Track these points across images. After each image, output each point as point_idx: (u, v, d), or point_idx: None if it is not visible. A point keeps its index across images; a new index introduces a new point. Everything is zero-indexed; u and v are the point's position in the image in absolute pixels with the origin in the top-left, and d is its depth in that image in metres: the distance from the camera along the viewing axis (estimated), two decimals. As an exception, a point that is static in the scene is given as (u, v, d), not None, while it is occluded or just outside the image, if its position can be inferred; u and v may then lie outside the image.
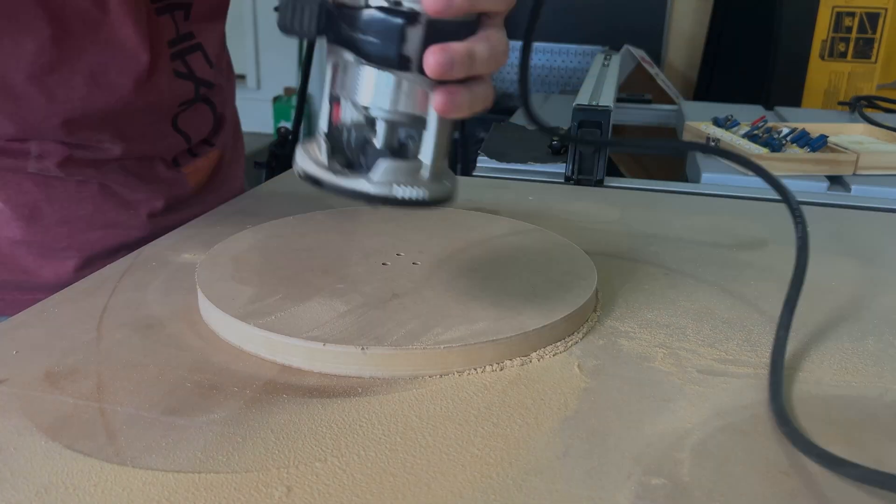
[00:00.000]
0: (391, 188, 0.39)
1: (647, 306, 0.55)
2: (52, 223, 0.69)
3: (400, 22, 0.36)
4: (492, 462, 0.37)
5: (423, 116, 0.40)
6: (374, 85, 0.39)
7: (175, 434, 0.39)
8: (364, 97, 0.40)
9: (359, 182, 0.39)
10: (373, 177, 0.39)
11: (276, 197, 0.81)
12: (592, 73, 1.23)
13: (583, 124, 0.88)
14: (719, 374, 0.46)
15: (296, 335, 0.46)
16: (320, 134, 0.42)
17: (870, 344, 0.51)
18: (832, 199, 0.86)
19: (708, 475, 0.37)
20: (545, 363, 0.47)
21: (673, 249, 0.67)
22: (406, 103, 0.39)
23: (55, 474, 0.36)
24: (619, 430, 0.40)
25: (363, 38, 0.37)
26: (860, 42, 1.68)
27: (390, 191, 0.39)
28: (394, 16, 0.36)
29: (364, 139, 0.42)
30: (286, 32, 0.37)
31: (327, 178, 0.39)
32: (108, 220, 0.72)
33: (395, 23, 0.36)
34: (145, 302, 0.54)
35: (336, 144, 0.42)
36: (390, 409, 0.42)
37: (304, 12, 0.37)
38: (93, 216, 0.71)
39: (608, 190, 0.89)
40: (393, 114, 0.40)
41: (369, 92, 0.40)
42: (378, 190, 0.39)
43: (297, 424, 0.40)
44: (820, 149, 0.98)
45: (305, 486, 0.35)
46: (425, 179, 0.40)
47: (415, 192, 0.39)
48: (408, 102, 0.39)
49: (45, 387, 0.43)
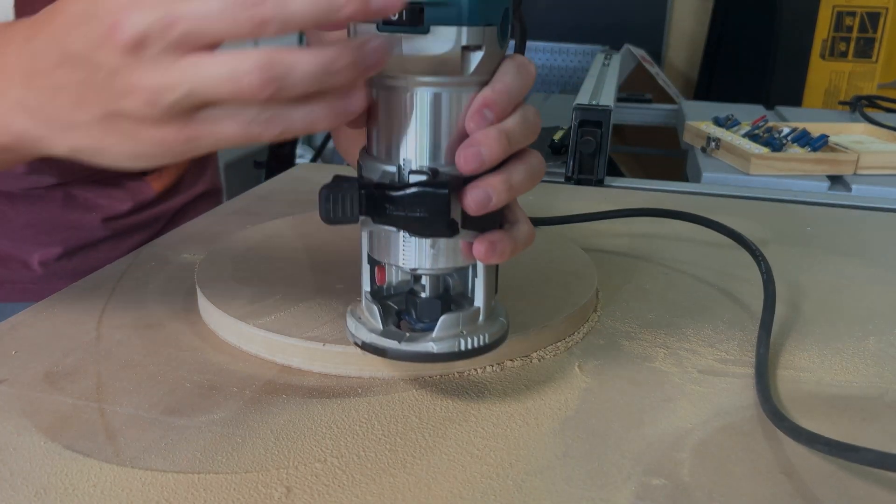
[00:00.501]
0: (456, 343, 0.39)
1: (647, 306, 0.55)
2: (17, 226, 0.71)
3: (445, 193, 0.36)
4: (492, 462, 0.37)
5: (471, 264, 0.40)
6: (420, 250, 0.39)
7: (174, 434, 0.39)
8: (411, 262, 0.39)
9: (425, 345, 0.39)
10: (435, 335, 0.39)
11: (276, 197, 0.81)
12: (593, 72, 1.23)
13: (583, 124, 0.88)
14: (720, 374, 0.46)
15: (295, 335, 0.46)
16: (366, 296, 0.42)
17: (870, 344, 0.51)
18: (833, 199, 0.86)
19: (708, 475, 0.37)
20: (545, 363, 0.47)
21: (673, 249, 0.67)
22: (453, 259, 0.39)
23: (54, 475, 0.36)
24: (619, 431, 0.40)
25: (410, 216, 0.36)
26: (861, 41, 1.68)
27: (455, 346, 0.39)
28: (438, 188, 0.36)
29: (415, 295, 0.42)
30: (329, 223, 0.37)
31: (391, 347, 0.39)
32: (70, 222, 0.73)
33: (440, 195, 0.36)
34: (145, 302, 0.54)
35: (386, 305, 0.42)
36: (390, 409, 0.42)
37: (345, 202, 0.36)
38: (56, 219, 0.72)
39: (608, 190, 0.89)
40: (442, 270, 0.40)
41: (416, 257, 0.39)
42: (443, 348, 0.39)
43: (297, 425, 0.40)
44: (821, 148, 0.98)
45: (305, 486, 0.35)
46: (483, 324, 0.40)
47: (478, 341, 0.39)
48: (455, 258, 0.39)
49: (44, 387, 0.43)
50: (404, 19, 0.34)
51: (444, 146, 0.37)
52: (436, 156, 0.37)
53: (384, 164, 0.38)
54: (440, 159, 0.37)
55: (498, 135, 0.37)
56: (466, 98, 0.37)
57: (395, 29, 0.35)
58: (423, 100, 0.37)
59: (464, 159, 0.36)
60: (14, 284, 0.72)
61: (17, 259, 0.71)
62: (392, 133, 0.38)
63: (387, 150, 0.38)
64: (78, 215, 0.72)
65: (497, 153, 0.37)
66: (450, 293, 0.43)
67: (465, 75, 0.36)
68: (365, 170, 0.39)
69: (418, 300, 0.42)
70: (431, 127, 0.37)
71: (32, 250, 0.71)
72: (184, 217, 0.80)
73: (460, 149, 0.36)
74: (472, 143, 0.36)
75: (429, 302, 0.41)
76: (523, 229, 0.41)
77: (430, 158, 0.37)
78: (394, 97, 0.37)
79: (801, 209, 0.82)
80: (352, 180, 0.37)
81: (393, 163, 0.38)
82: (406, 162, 0.37)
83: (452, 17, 0.34)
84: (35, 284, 0.71)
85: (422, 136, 0.37)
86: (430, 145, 0.37)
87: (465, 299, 0.43)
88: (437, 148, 0.37)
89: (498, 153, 0.37)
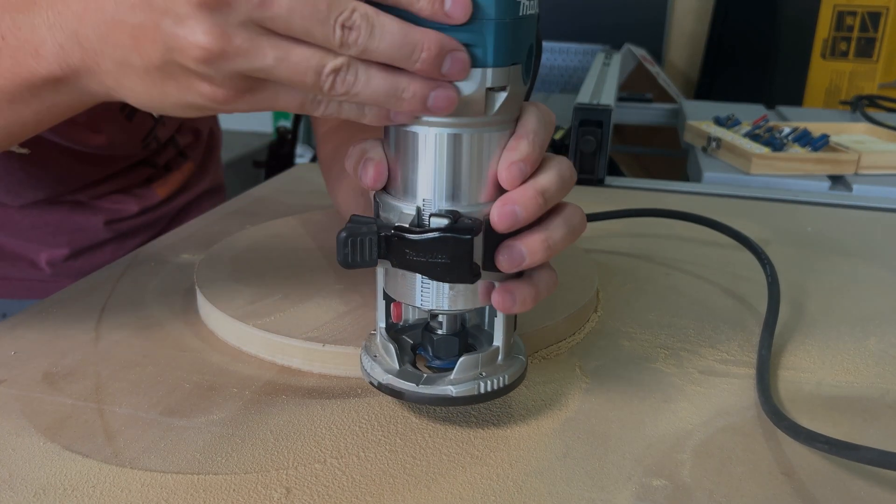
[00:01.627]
0: (475, 386, 0.38)
1: (647, 307, 0.55)
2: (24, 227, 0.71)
3: (468, 238, 0.34)
4: (492, 463, 0.37)
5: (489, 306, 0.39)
6: (439, 293, 0.38)
7: (174, 435, 0.39)
8: (429, 304, 0.38)
9: (444, 388, 0.38)
10: (454, 377, 0.38)
11: (276, 197, 0.80)
12: (593, 72, 1.22)
13: (583, 123, 0.88)
14: (720, 374, 0.46)
15: (295, 336, 0.46)
16: (381, 334, 0.41)
17: (871, 344, 0.50)
18: (834, 199, 0.86)
19: (709, 476, 0.37)
20: (546, 363, 0.47)
21: (674, 249, 0.67)
22: (472, 300, 0.38)
23: (54, 475, 0.36)
24: (619, 431, 0.40)
25: (431, 261, 0.35)
26: (862, 41, 1.68)
27: (475, 389, 0.38)
28: (461, 233, 0.34)
29: (431, 332, 0.41)
30: (348, 267, 0.36)
31: (409, 389, 0.38)
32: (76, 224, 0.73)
33: (463, 241, 0.34)
34: (144, 302, 0.54)
35: (401, 339, 0.42)
36: (390, 410, 0.42)
37: (363, 246, 0.35)
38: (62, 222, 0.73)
39: (609, 189, 0.89)
40: (460, 311, 0.39)
41: (435, 299, 0.38)
42: (462, 391, 0.38)
43: (297, 425, 0.40)
44: (821, 148, 0.98)
45: (305, 487, 0.35)
46: (502, 364, 0.39)
47: (496, 383, 0.38)
48: (474, 299, 0.38)
49: (43, 387, 0.43)
50: None
51: (465, 187, 0.36)
52: (456, 196, 0.36)
53: (402, 202, 0.37)
54: (461, 200, 0.36)
55: (534, 193, 0.36)
56: (489, 138, 0.36)
57: None
58: (444, 140, 0.35)
59: (498, 217, 0.35)
60: (23, 282, 0.72)
61: (25, 259, 0.72)
62: (411, 172, 0.36)
63: (405, 189, 0.37)
64: (83, 218, 0.73)
65: (533, 212, 0.36)
66: (466, 327, 0.42)
67: (489, 116, 0.35)
68: (382, 208, 0.38)
69: (435, 337, 0.40)
70: (452, 168, 0.36)
71: (39, 250, 0.72)
72: (188, 215, 0.81)
73: (495, 206, 0.36)
74: (507, 202, 0.35)
75: (446, 340, 0.40)
76: (545, 277, 0.39)
77: (449, 199, 0.36)
78: (413, 137, 0.36)
79: (802, 209, 0.82)
80: (370, 222, 0.36)
81: (411, 203, 0.37)
82: (426, 203, 0.36)
83: (478, 59, 0.34)
84: (43, 283, 0.72)
85: (442, 177, 0.36)
86: (450, 186, 0.36)
87: (482, 332, 0.42)
88: (457, 189, 0.36)
89: (534, 212, 0.36)
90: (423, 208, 0.36)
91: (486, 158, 0.36)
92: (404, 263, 0.36)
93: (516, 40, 0.34)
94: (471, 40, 0.33)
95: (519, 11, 0.34)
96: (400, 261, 0.36)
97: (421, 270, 0.36)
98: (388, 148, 0.38)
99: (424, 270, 0.36)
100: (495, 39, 0.33)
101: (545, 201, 0.36)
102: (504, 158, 0.36)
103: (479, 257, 0.36)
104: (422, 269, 0.36)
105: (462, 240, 0.34)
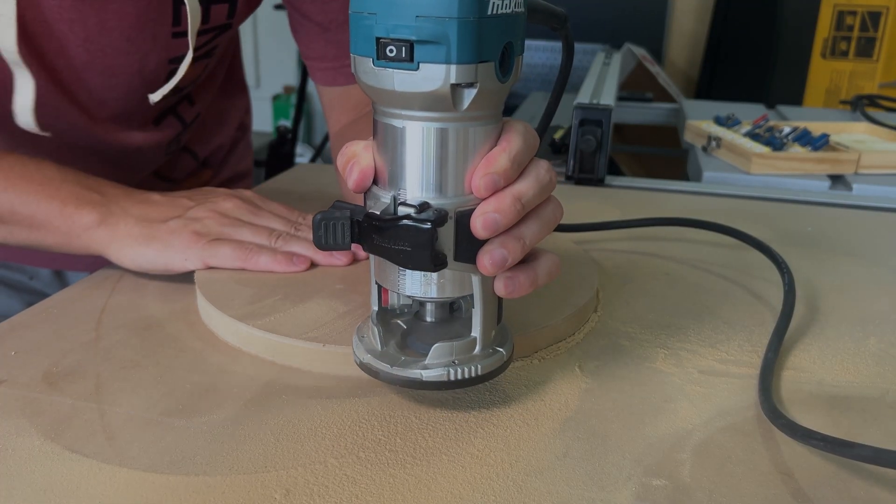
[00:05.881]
0: (446, 372, 0.39)
1: (647, 307, 0.55)
2: None
3: (427, 227, 0.36)
4: (492, 463, 0.37)
5: (469, 295, 0.40)
6: (413, 279, 0.40)
7: (174, 435, 0.39)
8: (408, 290, 0.40)
9: (414, 371, 0.39)
10: (427, 362, 0.39)
11: (276, 196, 0.80)
12: (593, 71, 1.22)
13: (583, 123, 0.88)
14: (720, 374, 0.46)
15: (295, 336, 0.46)
16: (372, 316, 0.43)
17: (871, 344, 0.50)
18: (834, 199, 0.86)
19: (709, 476, 0.37)
20: (546, 363, 0.47)
21: (673, 249, 0.67)
22: (450, 289, 0.40)
23: (54, 475, 0.36)
24: (619, 431, 0.40)
25: (395, 248, 0.37)
26: (862, 41, 1.68)
27: (445, 375, 0.39)
28: (421, 222, 0.36)
29: (414, 318, 0.43)
30: (322, 249, 0.39)
31: (383, 370, 0.40)
32: None
33: (423, 230, 0.36)
34: (144, 302, 0.54)
35: (394, 324, 0.44)
36: (390, 410, 0.42)
37: (336, 229, 0.38)
38: None
39: (609, 189, 0.89)
40: (438, 299, 0.41)
41: (411, 285, 0.40)
42: (432, 376, 0.39)
43: (297, 426, 0.40)
44: (822, 148, 0.98)
45: (305, 488, 0.35)
46: (478, 354, 0.40)
47: (469, 372, 0.40)
48: (452, 288, 0.40)
49: (43, 387, 0.43)
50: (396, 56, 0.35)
51: (437, 180, 0.37)
52: (430, 188, 0.38)
53: (382, 192, 0.39)
54: (433, 192, 0.38)
55: (513, 201, 0.37)
56: (463, 133, 0.37)
57: (388, 64, 0.35)
58: (416, 133, 0.37)
59: (481, 226, 0.37)
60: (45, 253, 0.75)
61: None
62: (388, 163, 0.38)
63: (386, 179, 0.39)
64: None
65: (511, 219, 0.38)
66: (461, 315, 0.43)
67: (460, 111, 0.36)
68: (369, 196, 0.40)
69: (421, 323, 0.43)
70: (425, 160, 0.37)
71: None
72: None
73: (476, 214, 0.37)
74: (487, 210, 0.37)
75: (429, 327, 0.42)
76: (544, 262, 0.41)
77: (424, 191, 0.38)
78: (391, 129, 0.37)
79: (802, 209, 0.82)
80: (346, 208, 0.38)
81: (390, 193, 0.38)
82: (401, 193, 0.38)
83: (441, 56, 0.34)
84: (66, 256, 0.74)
85: (414, 169, 0.37)
86: (423, 178, 0.37)
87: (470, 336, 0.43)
88: (432, 181, 0.38)
89: (512, 218, 0.38)
90: (398, 197, 0.38)
91: (460, 152, 0.37)
92: (373, 248, 0.38)
93: (483, 38, 0.35)
94: (434, 37, 0.34)
95: (487, 10, 0.34)
96: (370, 246, 0.38)
97: (387, 256, 0.38)
98: (374, 140, 0.39)
99: (389, 256, 0.38)
100: (458, 37, 0.34)
101: (523, 207, 0.38)
102: (482, 166, 0.37)
103: (449, 248, 0.38)
104: (387, 255, 0.38)
105: (422, 229, 0.36)
